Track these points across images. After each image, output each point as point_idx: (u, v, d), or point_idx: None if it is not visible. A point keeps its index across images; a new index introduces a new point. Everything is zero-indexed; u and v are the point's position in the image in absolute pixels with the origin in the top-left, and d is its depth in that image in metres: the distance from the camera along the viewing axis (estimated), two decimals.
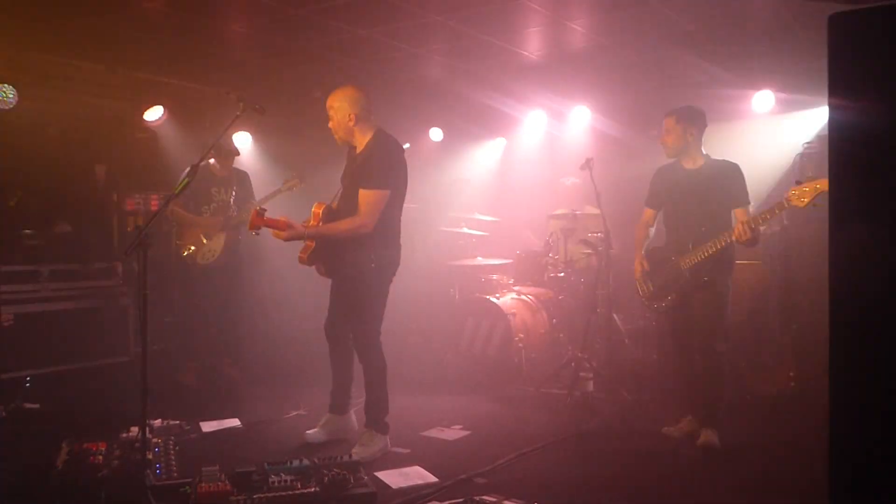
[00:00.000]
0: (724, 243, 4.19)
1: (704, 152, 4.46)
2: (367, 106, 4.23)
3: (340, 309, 4.37)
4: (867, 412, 1.48)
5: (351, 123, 4.19)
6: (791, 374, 5.48)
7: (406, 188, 4.29)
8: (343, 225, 4.10)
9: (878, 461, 1.46)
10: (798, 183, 3.92)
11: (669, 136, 4.44)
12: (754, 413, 5.07)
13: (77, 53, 6.00)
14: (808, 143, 5.98)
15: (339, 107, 4.19)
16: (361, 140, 4.23)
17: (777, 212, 4.07)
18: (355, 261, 4.13)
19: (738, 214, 4.32)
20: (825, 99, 1.52)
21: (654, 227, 4.78)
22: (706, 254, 4.25)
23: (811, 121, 6.25)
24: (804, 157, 5.91)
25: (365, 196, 4.04)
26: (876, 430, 1.46)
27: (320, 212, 4.24)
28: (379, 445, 4.19)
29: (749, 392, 5.43)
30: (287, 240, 4.13)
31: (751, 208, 4.37)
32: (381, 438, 4.23)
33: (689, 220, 4.41)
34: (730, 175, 4.37)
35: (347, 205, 4.18)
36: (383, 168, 4.09)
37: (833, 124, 1.51)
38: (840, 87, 1.49)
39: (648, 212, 4.74)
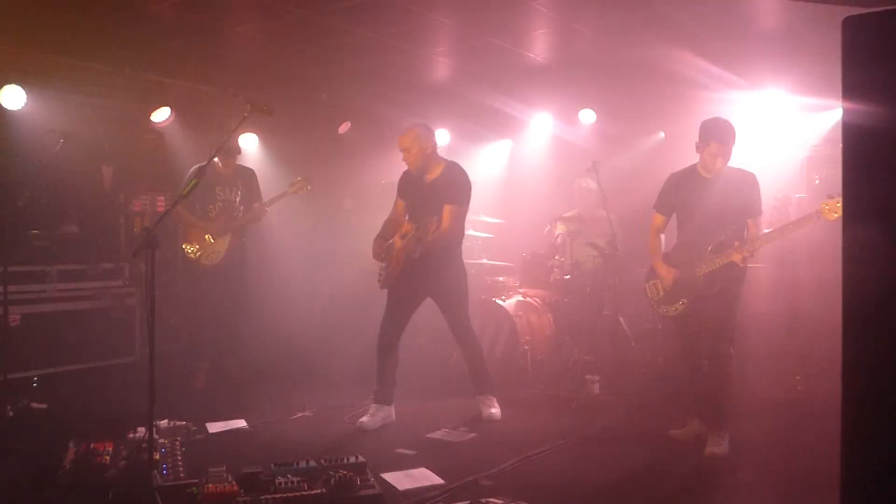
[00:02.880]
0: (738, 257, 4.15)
1: None
2: (435, 141, 4.98)
3: (405, 313, 5.05)
4: (879, 410, 1.47)
5: (428, 155, 4.90)
6: (798, 377, 5.47)
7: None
8: (442, 236, 4.77)
9: (889, 459, 1.45)
10: (830, 197, 3.85)
11: (720, 160, 4.26)
12: (761, 416, 5.04)
13: (84, 54, 6.03)
14: (815, 146, 5.96)
15: (414, 145, 4.85)
16: (436, 168, 4.94)
17: (805, 224, 4.01)
18: (455, 267, 5.03)
19: (748, 226, 4.28)
20: (832, 101, 1.52)
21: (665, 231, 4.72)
22: (723, 262, 4.20)
23: (818, 123, 6.21)
24: (811, 161, 5.88)
25: (454, 211, 4.83)
26: (888, 427, 1.45)
27: (409, 230, 4.87)
28: (498, 404, 5.12)
29: (755, 395, 5.41)
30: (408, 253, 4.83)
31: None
32: (495, 400, 5.13)
33: (705, 228, 4.32)
34: (746, 185, 4.30)
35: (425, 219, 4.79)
36: (464, 189, 4.92)
37: (846, 126, 1.50)
38: (854, 90, 1.48)
39: (659, 217, 4.63)
